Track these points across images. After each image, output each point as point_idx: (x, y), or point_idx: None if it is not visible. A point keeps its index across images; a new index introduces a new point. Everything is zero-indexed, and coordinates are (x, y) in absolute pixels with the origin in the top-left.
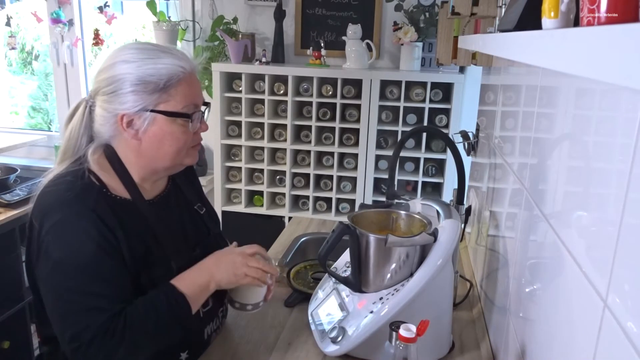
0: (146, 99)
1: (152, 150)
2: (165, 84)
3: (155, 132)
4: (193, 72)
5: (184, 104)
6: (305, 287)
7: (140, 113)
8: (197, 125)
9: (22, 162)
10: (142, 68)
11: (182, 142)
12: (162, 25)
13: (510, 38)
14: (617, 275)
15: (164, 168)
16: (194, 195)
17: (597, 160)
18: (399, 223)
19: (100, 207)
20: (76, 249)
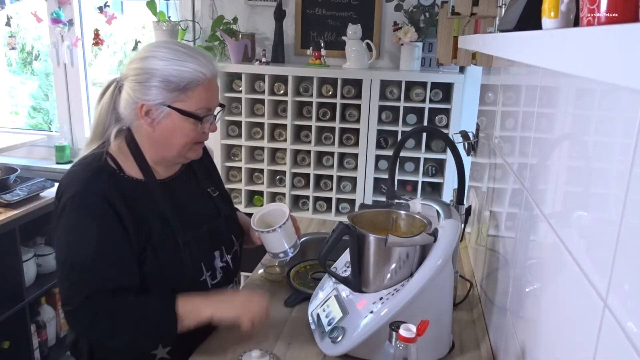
0: (166, 95)
1: (162, 140)
2: (185, 86)
3: (167, 125)
4: (213, 78)
5: (198, 106)
6: (305, 287)
7: (158, 106)
8: (207, 126)
9: (22, 162)
10: (169, 67)
11: (189, 138)
12: (162, 25)
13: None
14: (617, 275)
15: (171, 158)
16: (207, 179)
17: (597, 160)
18: (399, 223)
19: (108, 188)
20: (82, 223)
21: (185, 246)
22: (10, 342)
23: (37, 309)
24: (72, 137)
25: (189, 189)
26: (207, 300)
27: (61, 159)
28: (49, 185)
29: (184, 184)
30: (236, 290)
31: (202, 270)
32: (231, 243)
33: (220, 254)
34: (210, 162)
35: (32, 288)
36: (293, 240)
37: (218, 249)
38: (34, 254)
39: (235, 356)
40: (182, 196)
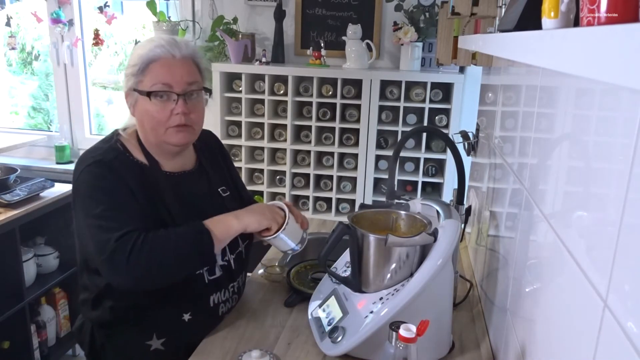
0: (131, 80)
1: (140, 125)
2: (142, 67)
3: (139, 109)
4: (174, 57)
5: (152, 83)
6: (305, 287)
7: (129, 92)
8: (171, 105)
9: (22, 162)
10: (134, 53)
11: (156, 120)
12: (162, 25)
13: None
14: (617, 275)
15: (156, 143)
16: (220, 179)
17: (597, 160)
18: (399, 223)
19: (117, 163)
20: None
21: None
22: (10, 342)
23: (37, 309)
24: (72, 137)
25: (199, 187)
26: (234, 214)
27: (61, 159)
28: (49, 185)
29: (193, 182)
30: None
31: None
32: (235, 243)
33: (222, 252)
34: (227, 160)
35: (32, 288)
36: (299, 236)
37: None
38: (34, 254)
39: (235, 356)
40: (189, 192)
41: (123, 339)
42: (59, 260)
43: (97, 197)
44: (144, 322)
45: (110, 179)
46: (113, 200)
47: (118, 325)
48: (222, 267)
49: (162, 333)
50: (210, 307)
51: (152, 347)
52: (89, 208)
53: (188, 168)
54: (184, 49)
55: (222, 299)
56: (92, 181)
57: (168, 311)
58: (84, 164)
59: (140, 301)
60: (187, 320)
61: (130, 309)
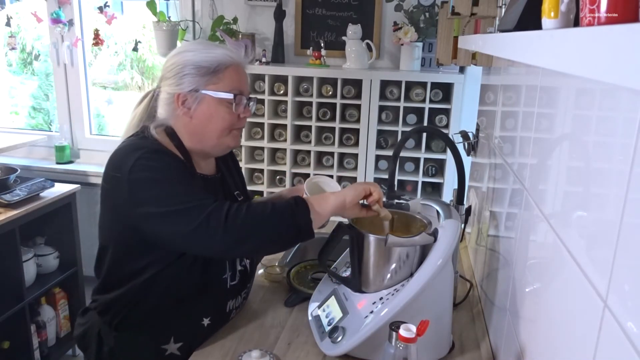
0: (198, 81)
1: (201, 127)
2: (215, 69)
3: (203, 110)
4: (242, 64)
5: (230, 87)
6: (305, 287)
7: (192, 93)
8: (241, 109)
9: (22, 162)
10: (198, 55)
11: (227, 122)
12: (162, 25)
13: (510, 38)
14: (617, 275)
15: (211, 146)
16: (233, 183)
17: (597, 160)
18: (399, 223)
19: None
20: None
21: None
22: (10, 342)
23: (37, 309)
24: (72, 137)
25: (223, 191)
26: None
27: (61, 159)
28: (49, 185)
29: (219, 186)
30: None
31: (226, 268)
32: None
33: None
34: (236, 164)
35: (32, 288)
36: None
37: None
38: (34, 254)
39: (235, 356)
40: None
41: (137, 342)
42: (59, 260)
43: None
44: (162, 325)
45: (168, 162)
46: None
47: (133, 328)
48: (240, 272)
49: (180, 337)
50: (226, 312)
51: (167, 352)
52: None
53: (213, 173)
54: (245, 57)
55: (235, 305)
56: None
57: (190, 315)
58: (131, 157)
59: (163, 302)
60: (206, 325)
61: (150, 311)
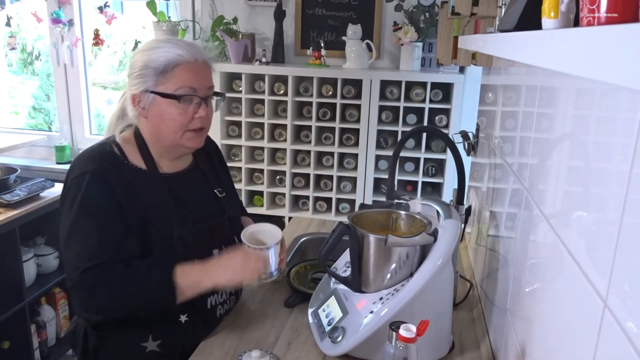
0: (148, 81)
1: (155, 128)
2: (164, 68)
3: (155, 111)
4: (196, 61)
5: (178, 86)
6: (305, 287)
7: (144, 93)
8: (193, 109)
9: (22, 162)
10: (148, 55)
11: (177, 123)
12: (162, 25)
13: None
14: (617, 275)
15: (169, 146)
16: (215, 180)
17: (597, 160)
18: (399, 223)
19: (108, 170)
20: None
21: (179, 239)
22: (10, 342)
23: (37, 309)
24: (72, 137)
25: (195, 187)
26: (206, 271)
27: (61, 159)
28: (49, 185)
29: (189, 181)
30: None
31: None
32: (232, 244)
33: (219, 253)
34: (222, 163)
35: (32, 288)
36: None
37: (218, 248)
38: (34, 254)
39: (235, 356)
40: (186, 192)
41: (117, 340)
42: (59, 260)
43: (80, 215)
44: (140, 324)
45: (97, 195)
46: (95, 222)
47: (112, 327)
48: None
49: (158, 335)
50: (208, 309)
51: (147, 349)
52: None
53: (183, 168)
54: (204, 53)
55: (219, 300)
56: (79, 195)
57: (164, 312)
58: (75, 171)
59: None
60: (183, 321)
61: None
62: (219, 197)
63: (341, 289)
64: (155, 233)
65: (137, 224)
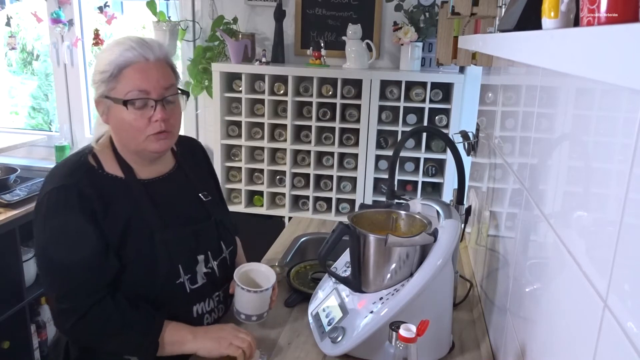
0: (102, 87)
1: (117, 134)
2: (114, 72)
3: (113, 116)
4: (147, 60)
5: (127, 90)
6: (305, 287)
7: (101, 99)
8: (147, 113)
9: (22, 162)
10: (100, 60)
11: (135, 129)
12: (162, 25)
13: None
14: (617, 275)
15: (135, 151)
16: (200, 183)
17: (597, 160)
18: (399, 223)
19: (83, 182)
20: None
21: (162, 244)
22: (10, 342)
23: (37, 309)
24: (72, 137)
25: (177, 190)
26: (193, 335)
27: (61, 159)
28: None
29: (170, 186)
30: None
31: (179, 272)
32: (219, 249)
33: (205, 259)
34: (208, 165)
35: (32, 288)
36: (263, 309)
37: (203, 254)
38: (34, 254)
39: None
40: (167, 197)
41: (99, 354)
42: None
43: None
44: None
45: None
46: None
47: None
48: (206, 274)
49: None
50: (194, 317)
51: None
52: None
53: (163, 173)
54: (157, 50)
55: (206, 309)
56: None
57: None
58: (48, 185)
59: None
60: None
61: None
62: (204, 201)
63: (341, 289)
64: (135, 242)
65: (116, 236)
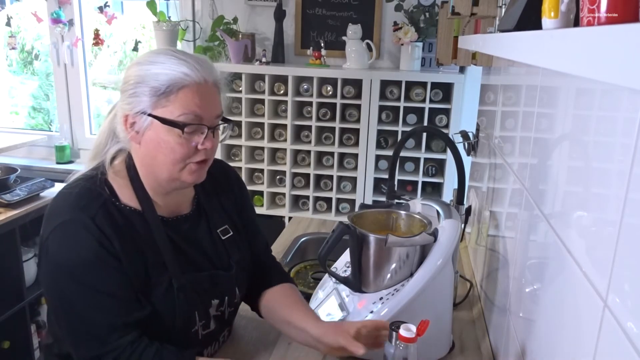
0: (145, 102)
1: (149, 157)
2: (166, 89)
3: (151, 137)
4: (206, 83)
5: (181, 112)
6: (305, 287)
7: (140, 115)
8: (197, 139)
9: (22, 162)
10: (150, 70)
11: (177, 154)
12: (162, 25)
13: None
14: (617, 275)
15: (165, 180)
16: (219, 218)
17: (597, 160)
18: (399, 223)
19: (100, 217)
20: (74, 255)
21: (179, 290)
22: (10, 342)
23: (37, 309)
24: (72, 137)
25: (195, 231)
26: None
27: (61, 159)
28: (49, 185)
29: (191, 226)
30: None
31: (195, 320)
32: (234, 295)
33: (219, 304)
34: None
35: (32, 288)
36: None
37: (218, 298)
38: (34, 254)
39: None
40: (186, 239)
41: None
42: None
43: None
44: None
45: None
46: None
47: None
48: (215, 317)
49: None
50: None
51: None
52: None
53: (184, 210)
54: (214, 73)
55: (211, 352)
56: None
57: None
58: (59, 217)
59: None
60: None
61: None
62: (222, 239)
63: (341, 289)
64: (156, 286)
65: (141, 279)
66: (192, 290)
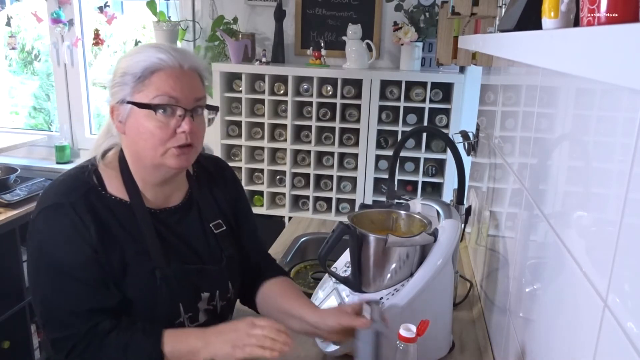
0: (125, 90)
1: (133, 144)
2: (141, 75)
3: (132, 124)
4: (181, 67)
5: (155, 94)
6: (305, 287)
7: (121, 104)
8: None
9: (22, 162)
10: (126, 61)
11: (156, 138)
12: (162, 25)
13: (510, 38)
14: (617, 275)
15: (150, 167)
16: (212, 212)
17: (597, 160)
18: (399, 223)
19: (80, 204)
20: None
21: (162, 281)
22: (10, 342)
23: None
24: (72, 137)
25: (185, 224)
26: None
27: (61, 159)
28: None
29: (179, 218)
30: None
31: (180, 311)
32: (226, 289)
33: (209, 297)
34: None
35: None
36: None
37: (208, 292)
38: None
39: None
40: (175, 231)
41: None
42: None
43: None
44: None
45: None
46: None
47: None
48: (207, 311)
49: None
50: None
51: None
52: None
53: (175, 202)
54: (191, 59)
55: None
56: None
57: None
58: (43, 203)
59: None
60: None
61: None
62: (215, 233)
63: (341, 289)
64: (135, 278)
65: (117, 268)
66: (177, 281)
